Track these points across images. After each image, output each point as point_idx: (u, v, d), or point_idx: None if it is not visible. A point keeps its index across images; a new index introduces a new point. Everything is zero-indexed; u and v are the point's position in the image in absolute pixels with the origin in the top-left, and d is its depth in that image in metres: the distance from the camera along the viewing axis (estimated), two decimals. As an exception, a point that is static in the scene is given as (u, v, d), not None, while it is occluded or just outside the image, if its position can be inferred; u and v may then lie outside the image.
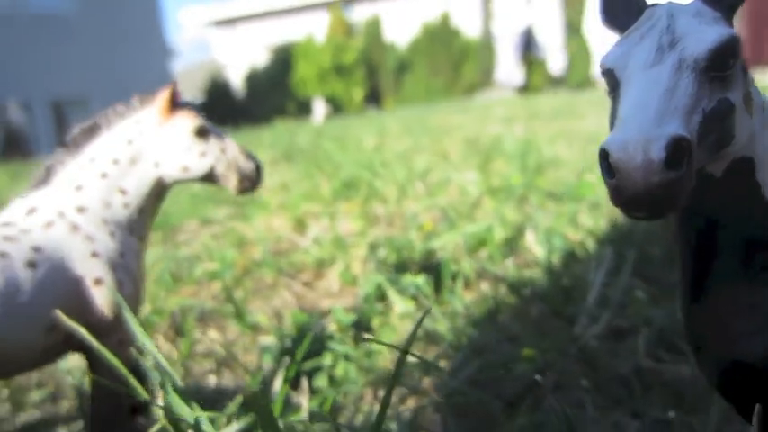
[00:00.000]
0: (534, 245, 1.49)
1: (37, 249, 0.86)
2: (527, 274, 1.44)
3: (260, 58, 15.88)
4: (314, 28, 15.79)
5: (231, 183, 0.94)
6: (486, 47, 14.24)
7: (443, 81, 15.16)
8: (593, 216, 1.71)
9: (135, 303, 0.93)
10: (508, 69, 14.17)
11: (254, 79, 15.73)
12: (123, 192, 0.93)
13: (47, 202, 0.93)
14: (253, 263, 1.71)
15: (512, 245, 1.63)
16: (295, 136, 5.59)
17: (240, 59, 17.27)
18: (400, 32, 15.32)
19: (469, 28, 15.14)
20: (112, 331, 0.88)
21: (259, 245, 1.81)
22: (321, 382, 1.13)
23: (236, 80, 16.01)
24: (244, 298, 1.46)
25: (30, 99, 11.06)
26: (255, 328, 1.35)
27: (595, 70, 12.66)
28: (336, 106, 13.96)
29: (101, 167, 0.93)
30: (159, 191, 0.96)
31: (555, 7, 14.37)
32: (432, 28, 14.94)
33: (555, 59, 14.44)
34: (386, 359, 1.14)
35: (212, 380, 1.23)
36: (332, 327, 1.27)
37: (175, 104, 1.00)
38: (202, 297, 1.55)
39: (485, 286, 1.45)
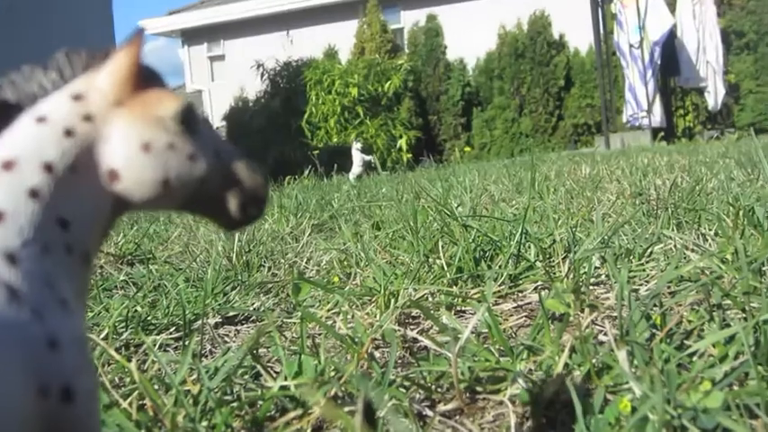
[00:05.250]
0: None
1: None
2: None
3: (249, 84, 16.34)
4: (337, 40, 16.27)
5: (230, 207, 0.79)
6: (602, 68, 14.38)
7: (535, 120, 15.27)
8: None
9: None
10: (639, 103, 14.18)
11: (236, 117, 16.12)
12: (64, 224, 0.73)
13: None
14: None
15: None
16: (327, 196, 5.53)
17: (220, 87, 17.74)
18: (469, 47, 15.67)
19: (576, 39, 15.39)
20: None
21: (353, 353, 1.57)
22: None
23: (217, 119, 16.37)
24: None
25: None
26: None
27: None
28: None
29: (25, 180, 0.74)
30: (113, 220, 0.78)
31: (710, 14, 14.46)
32: (516, 39, 15.26)
33: (711, 89, 14.43)
34: None
35: None
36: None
37: (143, 74, 0.79)
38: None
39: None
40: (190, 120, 0.77)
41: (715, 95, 14.30)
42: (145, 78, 0.77)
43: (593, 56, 14.57)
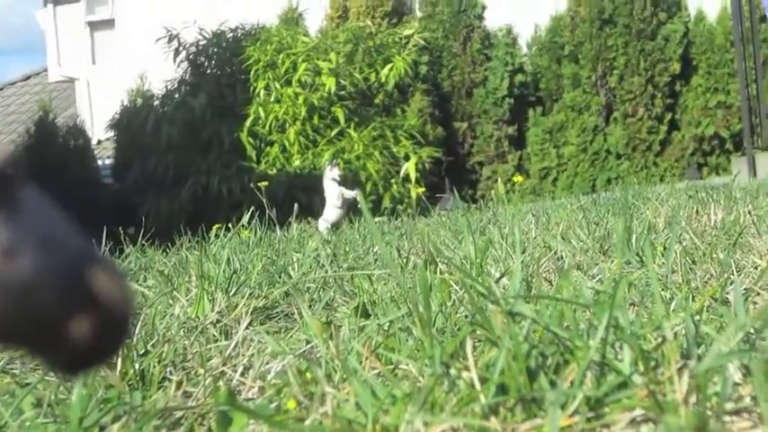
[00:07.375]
0: None
1: None
2: None
3: (155, 68, 16.48)
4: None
5: (71, 337, 0.80)
6: (744, 44, 14.58)
7: (633, 129, 15.40)
8: None
9: None
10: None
11: (132, 125, 16.25)
12: None
13: None
14: None
15: None
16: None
17: (107, 74, 17.86)
18: (522, 10, 15.87)
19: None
20: None
21: None
22: None
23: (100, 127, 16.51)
24: None
25: None
26: None
27: None
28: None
29: None
30: None
31: None
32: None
33: None
34: None
35: None
36: None
37: None
38: None
39: None
40: (6, 183, 0.76)
41: None
42: None
43: (729, 24, 14.71)
